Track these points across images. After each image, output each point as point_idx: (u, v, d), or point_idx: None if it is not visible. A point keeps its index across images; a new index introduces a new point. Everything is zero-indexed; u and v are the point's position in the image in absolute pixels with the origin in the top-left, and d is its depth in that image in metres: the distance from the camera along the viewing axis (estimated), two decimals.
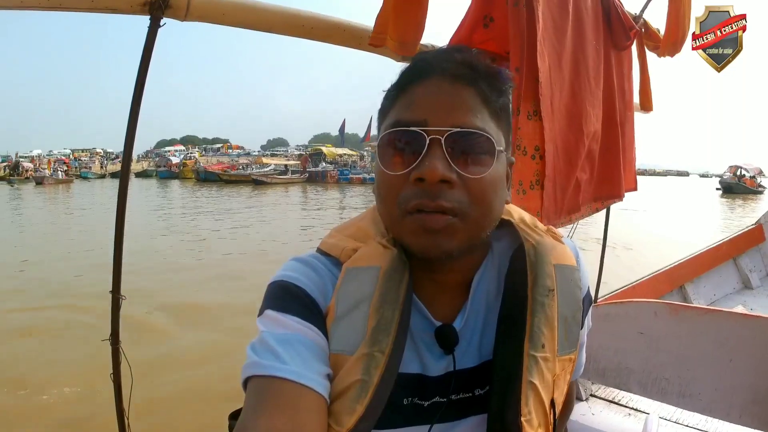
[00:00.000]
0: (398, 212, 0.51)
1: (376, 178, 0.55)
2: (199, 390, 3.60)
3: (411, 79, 0.52)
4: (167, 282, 6.84)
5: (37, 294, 6.11)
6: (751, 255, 3.49)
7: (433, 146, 0.49)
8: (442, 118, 0.49)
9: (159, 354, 4.19)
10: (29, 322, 5.11)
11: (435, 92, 0.51)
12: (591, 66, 1.52)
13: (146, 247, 9.01)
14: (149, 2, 0.89)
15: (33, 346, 4.52)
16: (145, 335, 4.60)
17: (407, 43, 1.12)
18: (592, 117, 1.53)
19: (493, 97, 0.52)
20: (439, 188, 0.48)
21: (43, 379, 3.78)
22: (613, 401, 1.72)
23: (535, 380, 0.52)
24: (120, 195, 0.98)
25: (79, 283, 6.66)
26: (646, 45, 1.86)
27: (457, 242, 0.50)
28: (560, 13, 1.41)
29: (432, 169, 0.48)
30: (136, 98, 0.94)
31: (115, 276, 1.02)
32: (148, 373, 3.51)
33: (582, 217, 1.63)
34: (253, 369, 0.47)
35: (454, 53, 0.53)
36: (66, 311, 5.40)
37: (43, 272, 7.29)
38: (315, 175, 35.80)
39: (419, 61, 0.53)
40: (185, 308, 5.61)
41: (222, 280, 6.95)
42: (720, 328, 1.26)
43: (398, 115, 0.52)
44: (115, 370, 1.06)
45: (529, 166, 1.38)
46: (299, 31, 1.07)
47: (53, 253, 8.70)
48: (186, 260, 8.41)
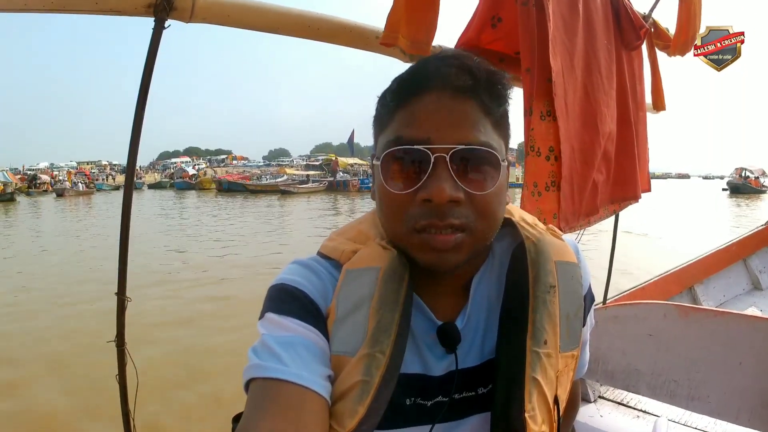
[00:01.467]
0: (405, 230, 0.51)
1: (379, 193, 0.53)
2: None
3: (410, 92, 0.51)
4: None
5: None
6: (761, 256, 3.44)
7: (438, 165, 0.48)
8: (445, 135, 0.49)
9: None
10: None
11: (437, 108, 0.50)
12: (603, 65, 1.49)
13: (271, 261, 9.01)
14: (154, 4, 0.88)
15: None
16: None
17: (420, 42, 1.10)
18: (606, 117, 1.49)
19: (495, 107, 0.51)
20: (448, 207, 0.48)
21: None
22: (621, 403, 1.71)
23: (538, 376, 0.52)
24: (125, 200, 0.97)
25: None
26: (656, 44, 1.84)
27: (463, 256, 0.50)
28: (570, 13, 1.39)
29: (439, 190, 0.47)
30: (141, 100, 0.93)
31: (120, 278, 1.01)
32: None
33: (600, 219, 1.59)
34: (254, 371, 0.47)
35: (453, 61, 0.52)
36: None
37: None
38: (336, 185, 36.79)
39: (417, 73, 0.52)
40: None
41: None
42: (730, 330, 1.25)
43: (400, 131, 0.51)
44: (121, 371, 1.06)
45: (543, 168, 1.34)
46: (305, 32, 1.05)
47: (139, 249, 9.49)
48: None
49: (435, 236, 0.49)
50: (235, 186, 36.91)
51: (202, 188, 41.04)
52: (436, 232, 0.49)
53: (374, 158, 0.54)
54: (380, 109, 0.55)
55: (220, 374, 3.85)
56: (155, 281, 7.07)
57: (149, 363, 3.81)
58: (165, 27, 0.90)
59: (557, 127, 1.31)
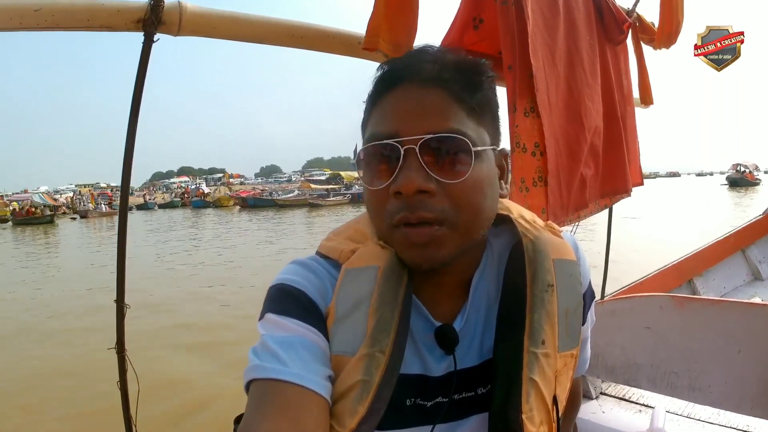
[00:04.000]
0: (386, 226, 0.51)
1: (364, 192, 0.55)
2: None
3: (382, 89, 0.52)
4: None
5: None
6: (760, 246, 3.40)
7: (408, 157, 0.48)
8: (413, 126, 0.49)
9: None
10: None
11: (404, 100, 0.50)
12: (586, 60, 1.51)
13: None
14: (143, 19, 0.92)
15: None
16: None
17: (401, 45, 1.13)
18: (591, 111, 1.51)
19: (467, 94, 0.50)
20: (418, 199, 0.48)
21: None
22: (623, 398, 1.71)
23: (535, 377, 0.51)
24: (121, 209, 1.00)
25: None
26: (642, 38, 1.86)
27: (447, 251, 0.50)
28: (550, 10, 1.42)
29: (407, 181, 0.47)
30: (133, 113, 0.96)
31: (119, 285, 1.03)
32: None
33: (590, 213, 1.60)
34: (254, 372, 0.47)
35: (421, 54, 0.52)
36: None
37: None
38: (358, 197, 38.11)
39: (388, 70, 0.53)
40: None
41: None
42: (727, 319, 1.24)
43: (373, 128, 0.51)
44: (122, 378, 1.07)
45: (530, 163, 1.37)
46: (290, 41, 1.09)
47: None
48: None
49: (410, 230, 0.49)
50: (261, 201, 38.18)
51: (219, 206, 42.11)
52: (412, 225, 0.48)
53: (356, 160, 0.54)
54: (364, 113, 0.56)
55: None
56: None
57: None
58: (154, 41, 0.95)
59: (541, 122, 1.33)
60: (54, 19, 0.85)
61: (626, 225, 12.62)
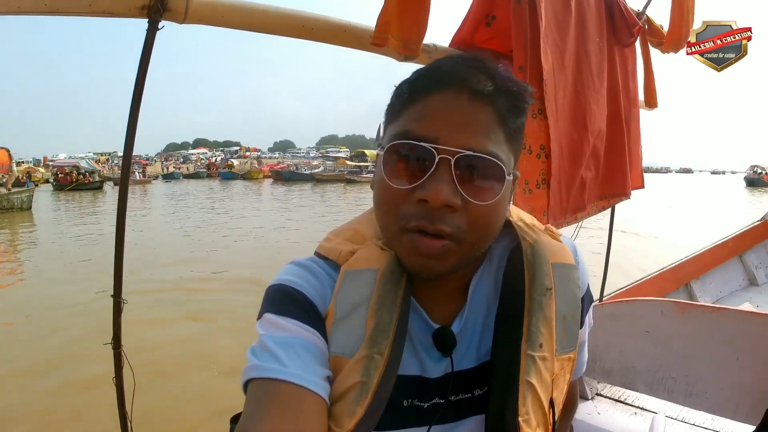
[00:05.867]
0: (396, 227, 0.50)
1: (377, 184, 0.52)
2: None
3: (426, 87, 0.49)
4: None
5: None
6: (757, 251, 3.44)
7: (441, 166, 0.47)
8: (454, 137, 0.47)
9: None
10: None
11: (450, 107, 0.48)
12: (594, 63, 1.50)
13: None
14: (147, 6, 0.88)
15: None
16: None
17: (410, 42, 1.10)
18: (596, 115, 1.51)
19: (511, 118, 0.49)
20: (442, 212, 0.47)
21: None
22: (619, 400, 1.72)
23: (533, 380, 0.51)
24: (120, 201, 0.97)
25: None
26: (650, 41, 1.84)
27: (449, 264, 0.49)
28: (563, 10, 1.39)
29: (437, 192, 0.46)
30: (135, 100, 0.93)
31: (116, 280, 1.01)
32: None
33: (588, 215, 1.61)
34: (253, 372, 0.46)
35: (475, 63, 0.50)
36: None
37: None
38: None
39: (436, 69, 0.50)
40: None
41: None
42: (727, 326, 1.25)
43: (408, 125, 0.49)
44: (117, 373, 1.06)
45: (534, 165, 1.36)
46: (299, 33, 1.05)
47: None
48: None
49: (422, 239, 0.48)
50: (297, 176, 39.02)
51: (249, 178, 43.28)
52: (425, 235, 0.48)
53: (379, 147, 0.52)
54: (394, 99, 0.53)
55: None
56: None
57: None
58: (159, 28, 0.91)
59: (548, 125, 1.33)
60: (54, 3, 0.81)
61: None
